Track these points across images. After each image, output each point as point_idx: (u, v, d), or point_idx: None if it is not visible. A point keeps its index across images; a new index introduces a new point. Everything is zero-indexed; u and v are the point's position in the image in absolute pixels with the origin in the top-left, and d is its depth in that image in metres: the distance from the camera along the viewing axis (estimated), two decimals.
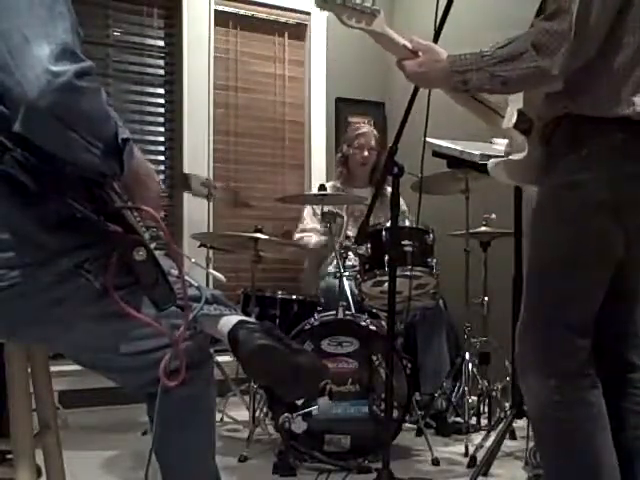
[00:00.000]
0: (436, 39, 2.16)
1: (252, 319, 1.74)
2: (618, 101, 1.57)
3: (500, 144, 1.95)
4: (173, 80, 4.41)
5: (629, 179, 1.58)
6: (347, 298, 3.17)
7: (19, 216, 1.31)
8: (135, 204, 1.46)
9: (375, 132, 4.14)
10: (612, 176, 1.57)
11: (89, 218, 1.31)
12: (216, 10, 4.45)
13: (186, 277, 1.49)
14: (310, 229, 4.07)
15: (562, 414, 1.62)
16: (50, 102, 1.21)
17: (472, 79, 1.62)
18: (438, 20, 2.18)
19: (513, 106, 1.78)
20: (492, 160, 1.84)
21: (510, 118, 1.77)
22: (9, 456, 1.62)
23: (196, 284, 1.59)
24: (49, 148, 1.27)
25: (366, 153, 4.04)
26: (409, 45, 1.73)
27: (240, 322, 1.65)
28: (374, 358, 2.92)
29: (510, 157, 1.81)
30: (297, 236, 4.08)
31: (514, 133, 1.78)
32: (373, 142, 4.05)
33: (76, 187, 1.32)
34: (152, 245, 1.40)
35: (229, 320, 1.65)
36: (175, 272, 1.45)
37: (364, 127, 4.16)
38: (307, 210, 4.14)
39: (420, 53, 1.72)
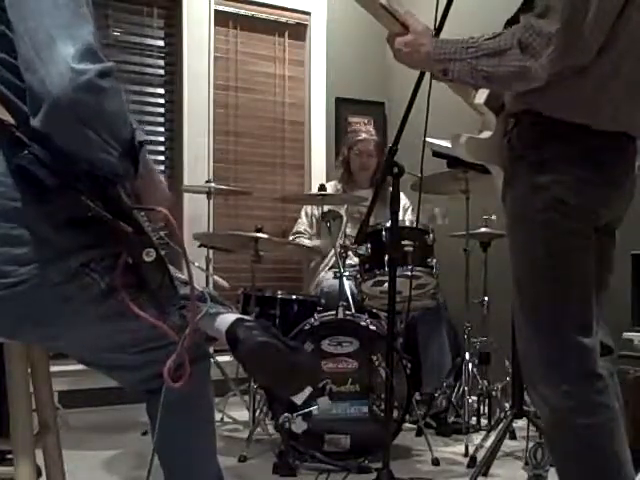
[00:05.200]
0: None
1: (249, 317, 1.75)
2: (583, 109, 1.56)
3: None
4: (173, 80, 4.41)
5: (587, 184, 1.58)
6: (347, 298, 3.17)
7: (33, 212, 1.31)
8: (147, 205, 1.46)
9: (375, 136, 4.10)
10: (571, 178, 1.57)
11: (102, 217, 1.31)
12: (216, 10, 4.45)
13: (181, 276, 1.50)
14: (302, 231, 4.09)
15: (579, 420, 1.57)
16: (72, 100, 1.22)
17: (454, 70, 1.57)
18: (438, 19, 2.17)
19: None
20: (462, 137, 1.78)
21: (482, 93, 1.72)
22: (9, 456, 1.62)
23: (199, 287, 1.59)
24: (67, 146, 1.28)
25: (365, 159, 4.04)
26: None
27: (238, 320, 1.66)
28: (374, 358, 2.92)
29: (477, 135, 1.76)
30: (290, 238, 4.09)
31: (484, 109, 1.73)
32: (372, 147, 4.04)
33: (90, 185, 1.32)
34: None
35: (226, 318, 1.65)
36: (181, 276, 1.46)
37: (364, 133, 4.12)
38: (303, 211, 4.16)
39: (410, 31, 1.65)
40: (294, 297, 3.36)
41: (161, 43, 4.43)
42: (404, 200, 3.85)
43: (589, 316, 1.62)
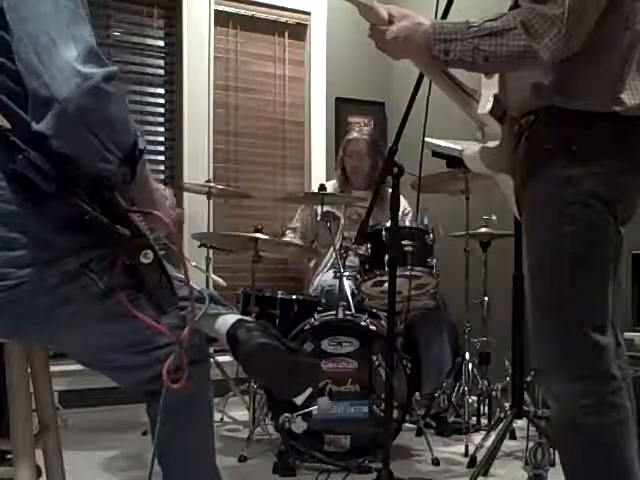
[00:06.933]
0: None
1: (249, 318, 1.75)
2: (606, 97, 1.55)
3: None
4: (173, 80, 4.40)
5: (620, 174, 1.57)
6: (347, 298, 3.17)
7: (29, 215, 1.31)
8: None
9: (366, 135, 4.06)
10: (604, 170, 1.56)
11: (97, 220, 1.31)
12: (216, 10, 4.45)
13: (180, 276, 1.50)
14: (292, 229, 4.14)
15: (590, 419, 1.56)
16: (78, 105, 1.21)
17: (455, 49, 1.54)
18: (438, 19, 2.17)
19: (487, 91, 1.71)
20: (467, 151, 1.77)
21: (485, 104, 1.70)
22: (9, 456, 1.62)
23: (198, 287, 1.59)
24: (68, 151, 1.27)
25: (356, 161, 3.99)
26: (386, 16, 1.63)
27: (238, 321, 1.66)
28: (374, 358, 2.92)
29: (485, 145, 1.74)
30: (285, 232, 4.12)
31: (489, 120, 1.71)
32: (362, 147, 3.98)
33: (86, 188, 1.32)
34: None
35: (227, 319, 1.66)
36: (180, 276, 1.46)
37: (355, 132, 4.10)
38: (299, 211, 4.18)
39: (396, 20, 1.62)
40: (294, 297, 3.35)
41: (161, 43, 4.43)
42: (404, 204, 3.85)
43: (606, 314, 1.60)
